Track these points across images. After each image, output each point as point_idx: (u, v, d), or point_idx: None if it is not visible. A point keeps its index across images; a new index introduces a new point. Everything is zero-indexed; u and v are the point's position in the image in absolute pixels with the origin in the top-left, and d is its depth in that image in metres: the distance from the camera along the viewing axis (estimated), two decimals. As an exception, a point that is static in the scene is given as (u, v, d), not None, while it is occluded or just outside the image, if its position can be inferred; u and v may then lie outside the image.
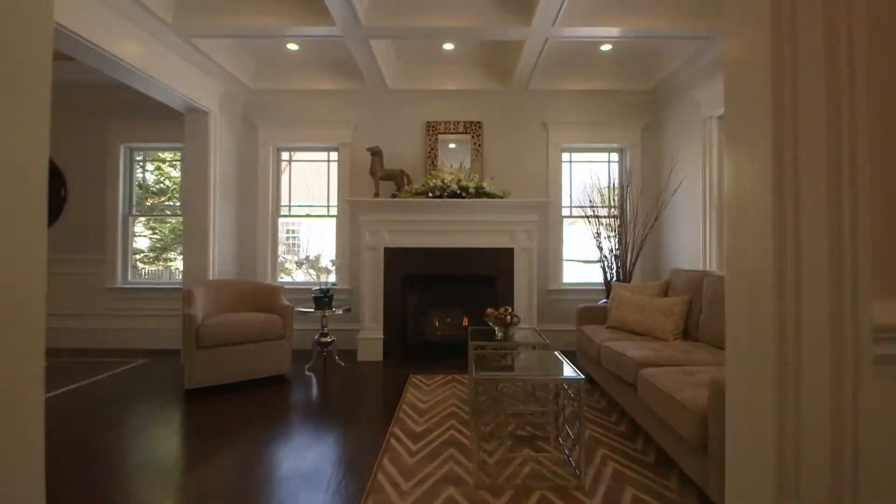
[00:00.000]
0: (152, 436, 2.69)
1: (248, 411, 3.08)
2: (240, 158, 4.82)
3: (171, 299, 4.76)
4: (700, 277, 3.13)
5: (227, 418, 2.96)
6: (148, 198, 5.29)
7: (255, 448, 2.51)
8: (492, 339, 3.05)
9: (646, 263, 4.75)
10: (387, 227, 4.40)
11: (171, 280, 5.12)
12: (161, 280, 5.20)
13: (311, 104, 4.85)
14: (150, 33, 3.46)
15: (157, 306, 4.88)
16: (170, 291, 4.84)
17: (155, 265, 5.29)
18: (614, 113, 4.81)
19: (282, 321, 3.79)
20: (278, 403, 3.24)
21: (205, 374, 3.43)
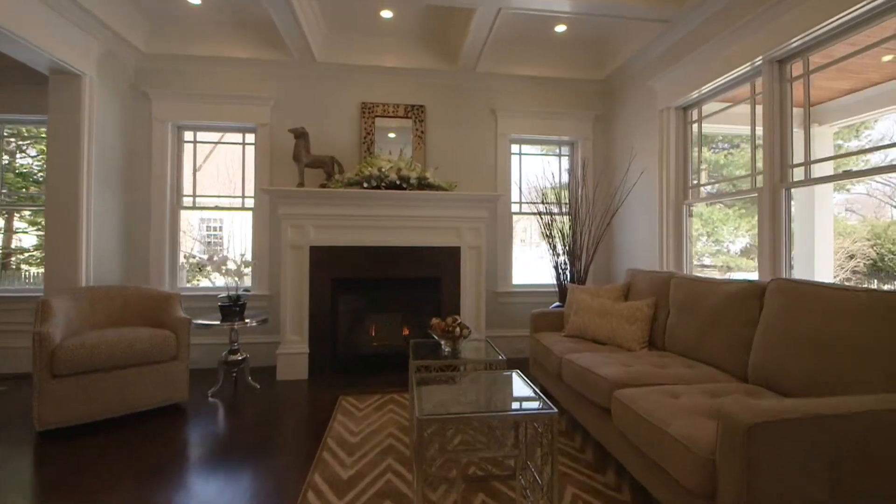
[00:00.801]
0: (-42, 512, 1.89)
1: (119, 459, 2.33)
2: (128, 136, 3.93)
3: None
4: (665, 279, 2.84)
5: (90, 470, 2.20)
6: (27, 186, 4.25)
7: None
8: (437, 356, 2.54)
9: (596, 264, 4.50)
10: (313, 221, 3.75)
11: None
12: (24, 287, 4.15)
13: (221, 75, 4.07)
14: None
15: (15, 319, 3.86)
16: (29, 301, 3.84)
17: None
18: (566, 103, 4.51)
19: (174, 337, 3.03)
20: (163, 446, 2.51)
21: (64, 411, 2.61)
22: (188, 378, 3.11)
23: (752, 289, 2.15)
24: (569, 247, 3.95)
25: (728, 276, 3.19)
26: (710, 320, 2.31)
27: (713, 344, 2.27)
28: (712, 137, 3.83)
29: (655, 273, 3.00)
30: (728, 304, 2.23)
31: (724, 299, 2.27)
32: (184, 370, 3.07)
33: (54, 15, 3.08)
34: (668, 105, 3.54)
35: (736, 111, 3.29)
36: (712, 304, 2.33)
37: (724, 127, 3.91)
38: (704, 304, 2.39)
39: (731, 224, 7.32)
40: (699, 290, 2.47)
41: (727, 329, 2.20)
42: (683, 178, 3.55)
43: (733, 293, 2.22)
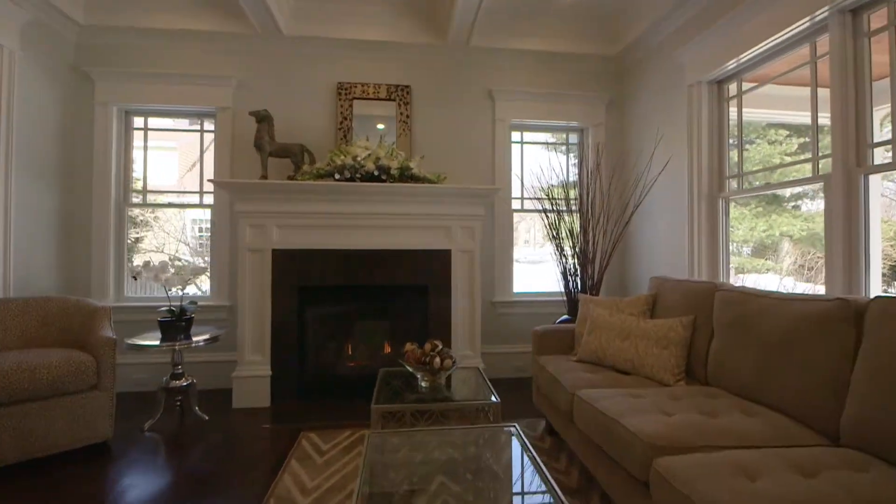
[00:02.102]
0: None
1: None
2: (67, 122, 3.38)
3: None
4: (706, 291, 2.23)
5: None
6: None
7: None
8: (413, 392, 1.96)
9: (609, 271, 3.89)
10: (276, 220, 3.18)
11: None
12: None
13: (175, 51, 3.51)
14: None
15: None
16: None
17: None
18: (575, 83, 3.91)
19: (94, 362, 2.46)
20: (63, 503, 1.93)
21: (-65, 461, 2.04)
22: (113, 411, 2.54)
23: (842, 309, 1.54)
24: (579, 249, 3.35)
25: (777, 287, 2.60)
26: (777, 349, 1.71)
27: (782, 383, 1.67)
28: (754, 126, 3.22)
29: (691, 283, 2.40)
30: (805, 329, 1.63)
31: (797, 322, 1.66)
32: (107, 402, 2.50)
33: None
34: (698, 79, 2.94)
35: (781, 93, 2.69)
36: (780, 326, 1.72)
37: (767, 113, 3.28)
38: (767, 326, 1.78)
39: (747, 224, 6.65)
40: (758, 307, 1.86)
41: (804, 363, 1.60)
42: (718, 167, 2.94)
43: (813, 314, 1.62)
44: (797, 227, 3.95)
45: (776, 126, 3.22)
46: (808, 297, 1.70)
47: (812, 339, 1.60)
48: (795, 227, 3.95)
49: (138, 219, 3.84)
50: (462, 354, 3.32)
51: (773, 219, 3.99)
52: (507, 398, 3.27)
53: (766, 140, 3.93)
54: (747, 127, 2.97)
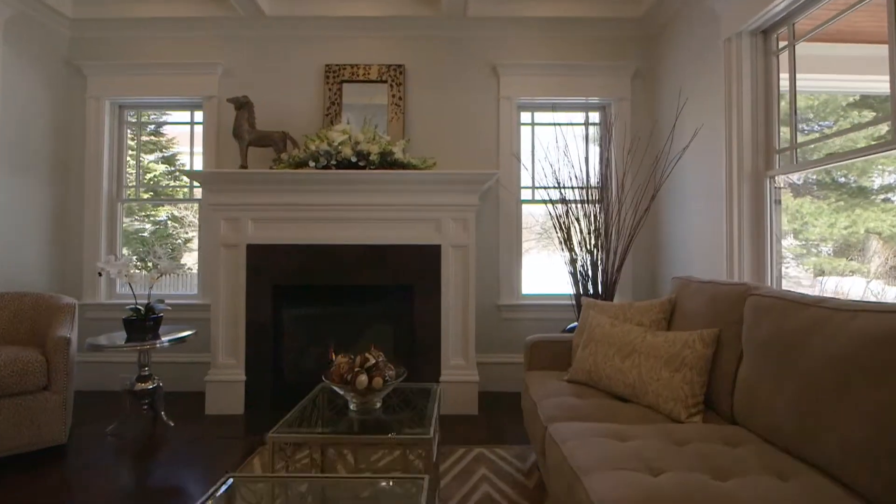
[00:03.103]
0: None
1: None
2: (59, 117, 3.36)
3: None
4: (737, 296, 1.67)
5: None
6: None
7: None
8: (343, 413, 1.60)
9: (636, 271, 3.32)
10: (251, 213, 2.95)
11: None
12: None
13: (162, 40, 3.40)
14: None
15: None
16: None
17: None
18: (593, 53, 3.37)
19: (44, 362, 2.33)
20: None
21: None
22: (67, 413, 2.40)
23: (936, 327, 0.98)
24: (592, 245, 2.82)
25: (840, 293, 1.99)
26: (829, 383, 1.16)
27: (835, 432, 1.12)
28: (831, 104, 2.51)
29: (718, 285, 1.84)
30: (872, 356, 1.08)
31: (861, 344, 1.11)
32: (58, 404, 2.36)
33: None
34: (737, 29, 2.33)
35: (842, 52, 2.06)
36: (834, 350, 1.17)
37: (825, 80, 2.54)
38: (817, 349, 1.23)
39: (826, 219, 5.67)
40: (805, 320, 1.31)
41: (869, 406, 1.05)
42: (766, 138, 2.32)
43: (888, 335, 1.06)
44: (888, 222, 3.19)
45: (837, 94, 2.50)
46: (882, 308, 1.13)
47: (883, 372, 1.04)
48: (886, 222, 3.19)
49: (186, 219, 3.78)
50: (453, 365, 2.92)
51: (857, 213, 3.24)
52: (503, 418, 2.83)
53: (848, 121, 3.16)
54: (824, 106, 2.30)
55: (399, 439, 1.38)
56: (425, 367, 2.93)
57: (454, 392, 2.89)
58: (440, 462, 2.17)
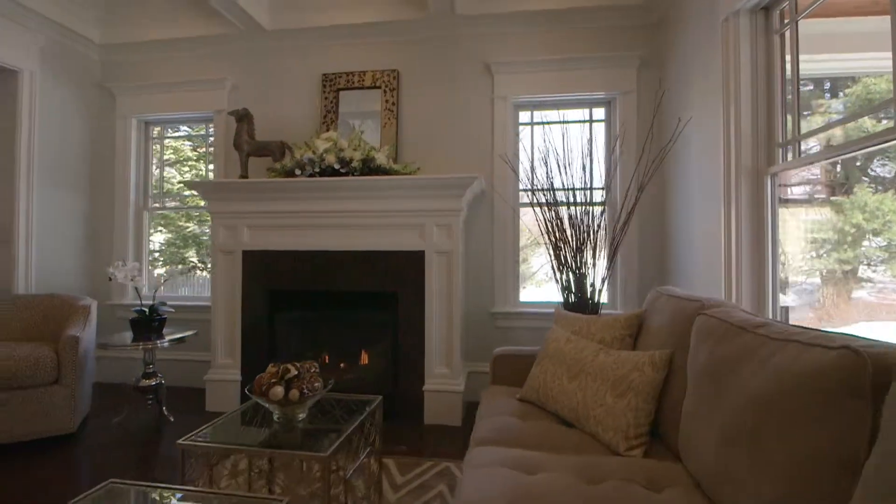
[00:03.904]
0: None
1: None
2: (92, 135, 3.71)
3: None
4: (693, 312, 1.46)
5: None
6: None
7: None
8: (269, 425, 1.60)
9: (641, 280, 3.05)
10: (246, 220, 3.07)
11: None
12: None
13: (177, 59, 3.65)
14: None
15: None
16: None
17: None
18: (595, 44, 3.15)
19: (54, 358, 2.57)
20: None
21: None
22: (75, 405, 2.63)
23: (848, 369, 0.78)
24: (574, 248, 2.62)
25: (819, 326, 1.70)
26: (750, 428, 0.97)
27: (751, 490, 0.93)
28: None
29: (680, 300, 1.62)
30: (789, 395, 0.88)
31: (781, 385, 0.91)
32: (67, 397, 2.60)
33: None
34: (734, 7, 2.05)
35: (850, 28, 1.74)
36: (756, 389, 0.98)
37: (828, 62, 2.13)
38: (741, 384, 1.04)
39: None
40: (739, 347, 1.11)
41: (786, 463, 0.86)
42: (767, 129, 2.02)
43: (805, 371, 0.86)
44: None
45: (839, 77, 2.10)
46: (815, 339, 0.92)
47: (797, 419, 0.85)
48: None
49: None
50: (437, 374, 2.85)
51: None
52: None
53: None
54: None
55: (293, 454, 1.35)
56: (409, 375, 2.89)
57: (437, 401, 2.82)
58: (405, 474, 2.12)
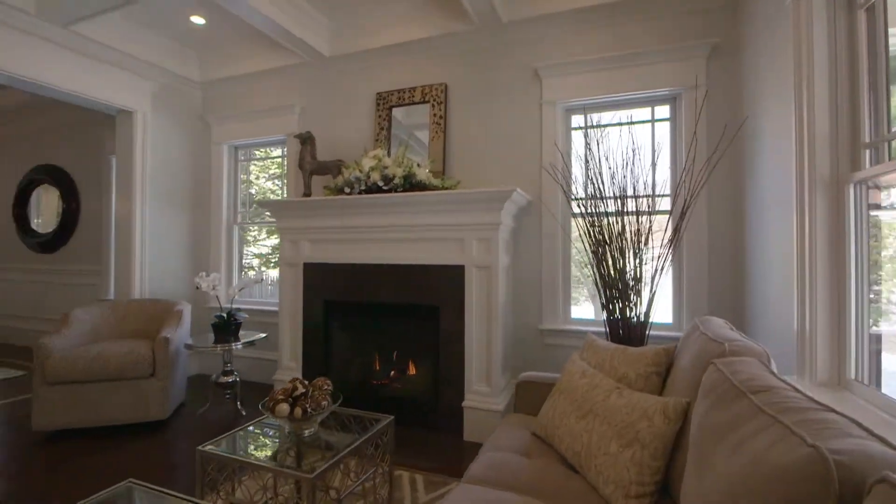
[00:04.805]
0: None
1: (56, 469, 2.35)
2: (195, 161, 4.32)
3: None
4: (710, 356, 1.25)
5: (35, 473, 2.25)
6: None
7: None
8: (283, 439, 1.72)
9: (707, 293, 2.67)
10: (306, 235, 3.32)
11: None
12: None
13: (257, 89, 4.08)
14: (30, 34, 3.07)
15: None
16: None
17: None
18: (656, 35, 2.83)
19: (150, 356, 3.04)
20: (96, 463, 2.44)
21: (51, 416, 2.84)
22: (167, 396, 3.07)
23: (811, 484, 0.61)
24: (621, 259, 2.38)
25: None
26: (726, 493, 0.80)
27: None
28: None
29: (709, 340, 1.39)
30: (756, 495, 0.71)
31: (751, 477, 0.74)
32: (160, 388, 3.05)
33: (113, 70, 3.61)
34: (811, -19, 1.69)
35: None
36: (733, 473, 0.81)
37: None
38: (722, 461, 0.86)
39: None
40: (731, 415, 0.93)
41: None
42: (850, 127, 1.64)
43: (769, 475, 0.69)
44: None
45: None
46: (801, 423, 0.73)
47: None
48: None
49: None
50: (476, 391, 2.80)
51: None
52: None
53: None
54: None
55: (283, 472, 1.43)
56: (449, 390, 2.88)
57: (476, 418, 2.78)
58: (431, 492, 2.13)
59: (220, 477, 1.58)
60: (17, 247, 5.58)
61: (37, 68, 3.17)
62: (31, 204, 5.52)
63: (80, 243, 5.13)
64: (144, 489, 1.30)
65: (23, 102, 5.02)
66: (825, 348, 1.66)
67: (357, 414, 1.96)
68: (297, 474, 1.39)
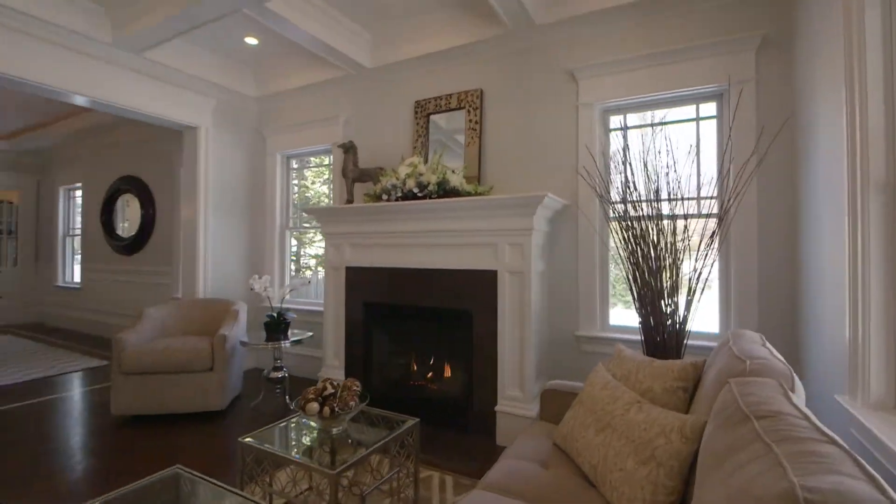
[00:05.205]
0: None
1: (123, 449, 2.66)
2: (251, 171, 4.64)
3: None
4: (728, 375, 1.19)
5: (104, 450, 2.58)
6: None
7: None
8: (318, 439, 1.84)
9: (756, 301, 2.49)
10: (348, 240, 3.48)
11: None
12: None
13: (305, 102, 4.32)
14: (109, 62, 3.48)
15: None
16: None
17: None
18: (699, 28, 2.69)
19: (209, 351, 3.32)
20: (155, 448, 2.73)
21: (126, 402, 3.20)
22: (224, 389, 3.34)
23: None
24: (657, 265, 2.29)
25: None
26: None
27: None
28: None
29: (733, 357, 1.32)
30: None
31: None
32: (218, 381, 3.32)
33: (179, 90, 3.98)
34: (863, -34, 1.55)
35: None
36: (717, 500, 0.78)
37: None
38: (715, 489, 0.83)
39: None
40: (730, 441, 0.89)
41: None
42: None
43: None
44: None
45: None
46: (793, 455, 0.70)
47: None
48: None
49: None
50: (508, 396, 2.81)
51: None
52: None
53: None
54: None
55: (309, 467, 1.53)
56: (482, 393, 2.91)
57: (509, 423, 2.78)
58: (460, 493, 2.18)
59: (257, 468, 1.72)
60: (104, 249, 6.28)
61: (114, 92, 3.57)
62: (116, 210, 6.19)
63: (155, 247, 5.68)
64: (189, 475, 1.45)
65: (110, 119, 5.64)
66: (879, 365, 1.52)
67: (385, 414, 2.05)
68: (320, 469, 1.49)
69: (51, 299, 7.20)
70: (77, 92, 3.39)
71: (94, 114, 5.41)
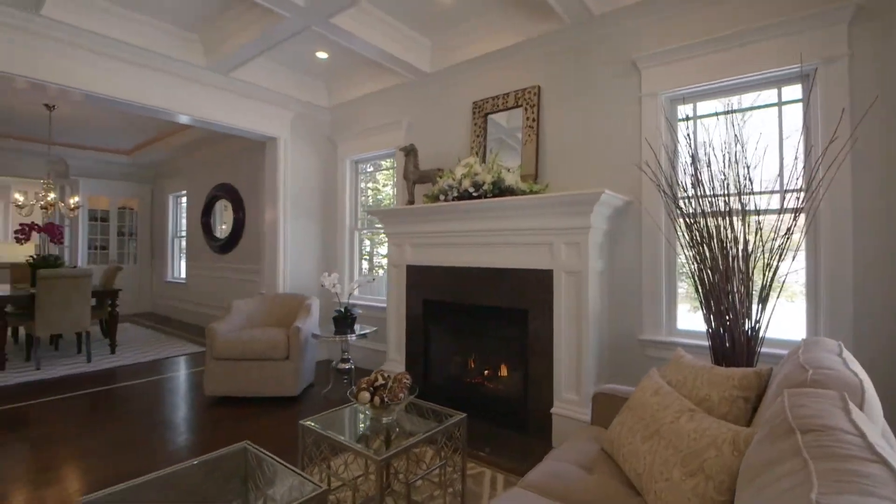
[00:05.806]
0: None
1: (198, 426, 3.03)
2: (325, 176, 4.98)
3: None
4: (788, 384, 1.09)
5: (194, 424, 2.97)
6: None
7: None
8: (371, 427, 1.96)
9: (852, 300, 2.20)
10: (409, 239, 3.62)
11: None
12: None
13: (370, 109, 4.54)
14: (203, 84, 3.94)
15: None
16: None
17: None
18: (777, 5, 2.42)
19: (285, 342, 3.63)
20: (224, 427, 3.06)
21: (216, 384, 3.61)
22: (298, 376, 3.64)
23: None
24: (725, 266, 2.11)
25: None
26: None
27: None
28: None
29: (797, 366, 1.20)
30: None
31: None
32: (293, 370, 3.62)
33: (260, 104, 4.39)
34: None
35: None
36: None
37: None
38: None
39: None
40: (772, 454, 0.82)
41: None
42: None
43: None
44: None
45: None
46: (822, 472, 0.65)
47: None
48: None
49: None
50: (565, 398, 2.76)
51: None
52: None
53: None
54: None
55: (358, 451, 1.64)
56: (538, 395, 2.88)
57: (564, 426, 2.73)
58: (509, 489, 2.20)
59: (316, 451, 1.87)
60: (204, 248, 7.08)
61: (209, 109, 4.03)
62: (214, 214, 6.95)
63: (245, 246, 6.30)
64: (255, 451, 1.63)
65: (207, 134, 6.35)
66: None
67: (435, 408, 2.12)
68: (367, 454, 1.59)
69: (161, 292, 8.27)
70: (181, 112, 3.88)
71: (194, 129, 6.13)
